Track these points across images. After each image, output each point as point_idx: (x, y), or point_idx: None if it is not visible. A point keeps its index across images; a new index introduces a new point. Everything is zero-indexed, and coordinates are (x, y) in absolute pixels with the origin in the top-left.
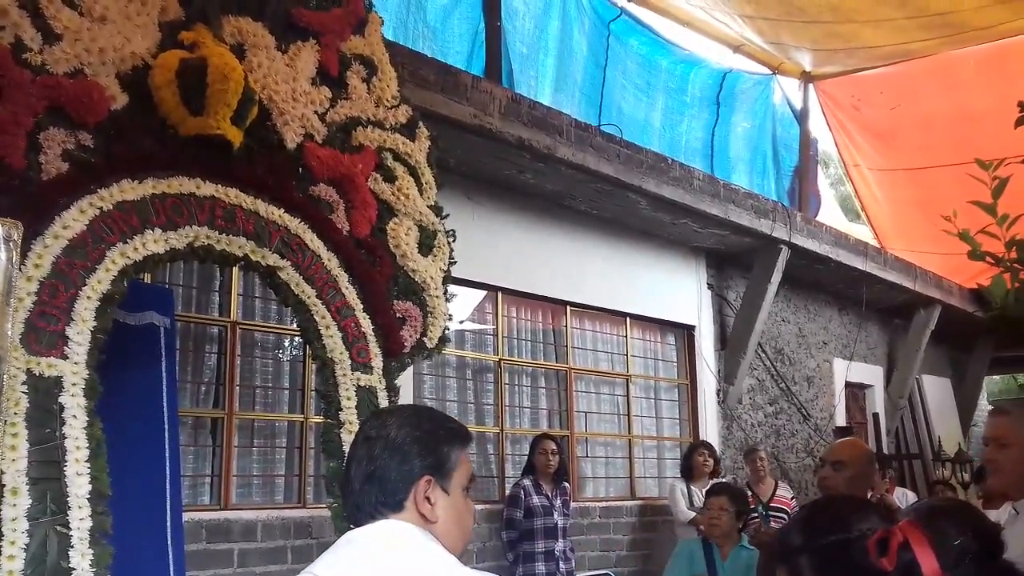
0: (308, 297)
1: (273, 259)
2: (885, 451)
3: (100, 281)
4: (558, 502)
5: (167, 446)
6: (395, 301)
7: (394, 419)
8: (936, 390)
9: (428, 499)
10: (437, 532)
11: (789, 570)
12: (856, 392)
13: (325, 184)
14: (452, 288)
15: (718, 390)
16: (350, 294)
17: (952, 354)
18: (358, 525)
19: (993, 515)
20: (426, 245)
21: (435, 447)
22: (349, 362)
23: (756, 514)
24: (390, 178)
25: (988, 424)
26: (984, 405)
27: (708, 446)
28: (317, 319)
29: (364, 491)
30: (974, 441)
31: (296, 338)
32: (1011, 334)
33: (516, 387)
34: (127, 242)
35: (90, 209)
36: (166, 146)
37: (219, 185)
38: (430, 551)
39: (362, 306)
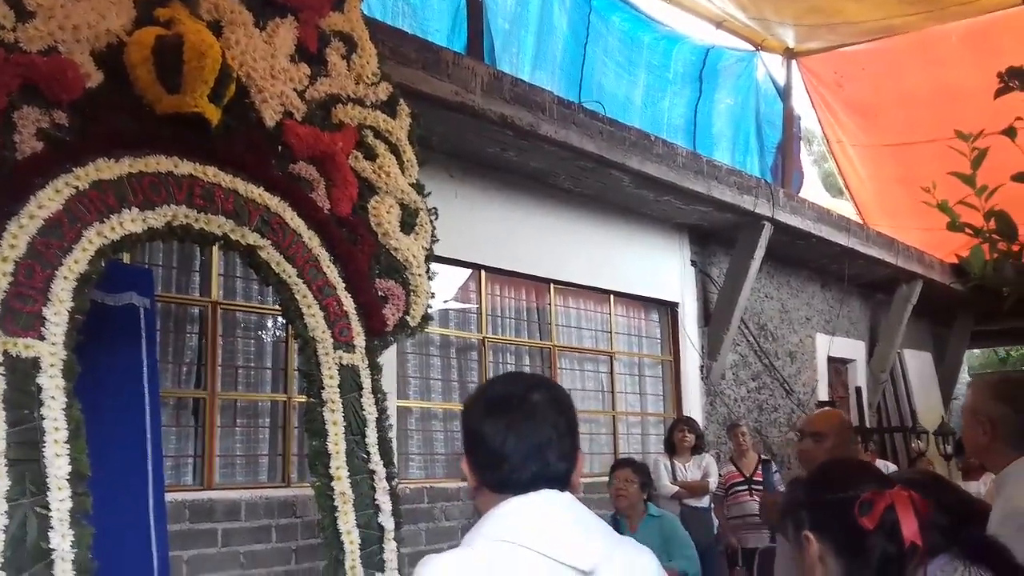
0: (289, 276)
1: (253, 238)
2: (867, 425)
3: (77, 261)
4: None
5: (148, 427)
6: (377, 279)
7: (560, 392)
8: (917, 364)
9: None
10: None
11: (793, 522)
12: (838, 367)
13: (305, 162)
14: (435, 266)
15: (701, 366)
16: (332, 273)
17: (933, 328)
18: (525, 491)
19: (972, 487)
20: (408, 223)
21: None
22: (331, 341)
23: (748, 487)
24: (371, 156)
25: (966, 396)
26: (965, 378)
27: (689, 422)
28: (298, 298)
29: (554, 460)
30: (955, 414)
31: (279, 318)
32: (991, 308)
33: (500, 365)
34: (104, 221)
35: (66, 188)
36: (142, 124)
37: (197, 164)
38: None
39: (344, 285)
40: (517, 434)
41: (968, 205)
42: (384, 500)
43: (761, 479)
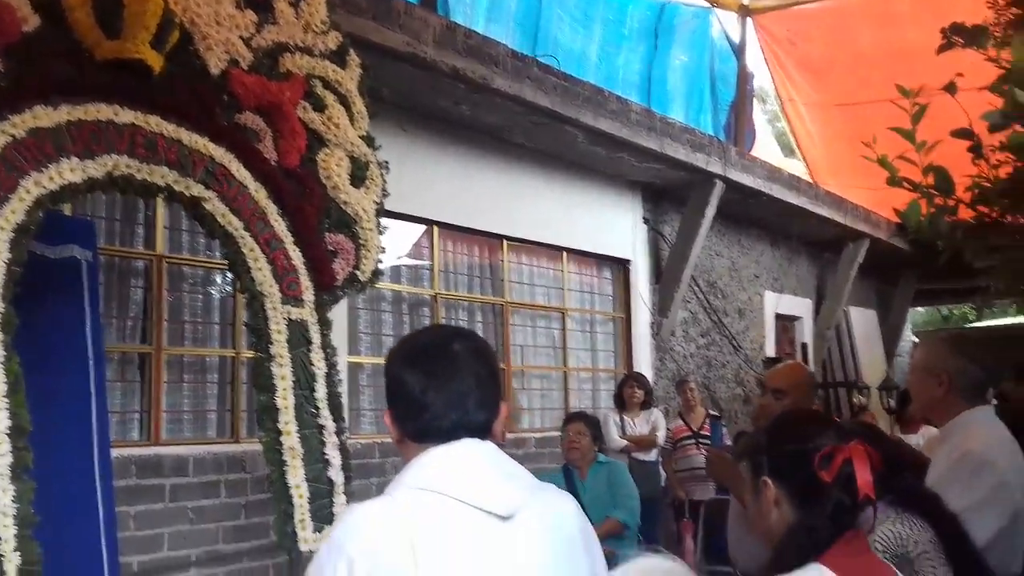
0: (235, 229)
1: (198, 190)
2: None
3: (14, 211)
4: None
5: (92, 381)
6: (326, 234)
7: (482, 343)
8: (862, 321)
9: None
10: None
11: (752, 466)
12: (786, 324)
13: (251, 112)
14: (386, 221)
15: (652, 323)
16: (279, 226)
17: (878, 287)
18: (445, 440)
19: (912, 440)
20: (358, 177)
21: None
22: (279, 295)
23: (695, 441)
24: (320, 107)
25: (918, 352)
26: (908, 336)
27: (639, 378)
28: (245, 252)
29: (475, 409)
30: (898, 370)
31: (226, 272)
32: (935, 267)
33: (452, 321)
34: (42, 171)
35: (1, 136)
36: (82, 71)
37: (139, 112)
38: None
39: (292, 238)
40: (437, 384)
41: (908, 160)
42: (334, 455)
43: (709, 434)
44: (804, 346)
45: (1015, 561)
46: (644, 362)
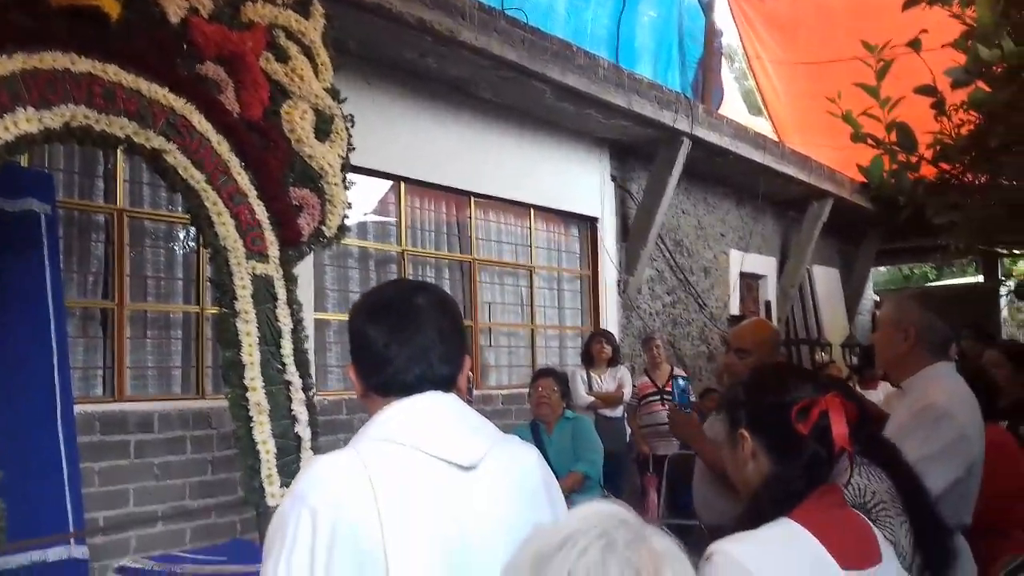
0: (197, 182)
1: (158, 141)
2: None
3: None
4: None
5: (53, 336)
6: (291, 188)
7: (445, 296)
8: (825, 280)
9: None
10: None
11: (729, 419)
12: (750, 282)
13: (212, 62)
14: (352, 176)
15: (619, 281)
16: (242, 180)
17: (841, 246)
18: (409, 393)
19: (872, 396)
20: (323, 130)
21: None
22: (243, 250)
23: (660, 397)
24: (282, 58)
25: (884, 309)
26: (870, 295)
27: (606, 335)
28: (208, 205)
29: (438, 362)
30: (860, 328)
31: (190, 227)
32: (897, 226)
33: (420, 278)
34: None
35: None
36: (36, 18)
37: (96, 61)
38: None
39: (256, 192)
40: (400, 338)
41: (872, 116)
42: (300, 410)
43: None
44: (768, 304)
45: (967, 511)
46: (611, 319)
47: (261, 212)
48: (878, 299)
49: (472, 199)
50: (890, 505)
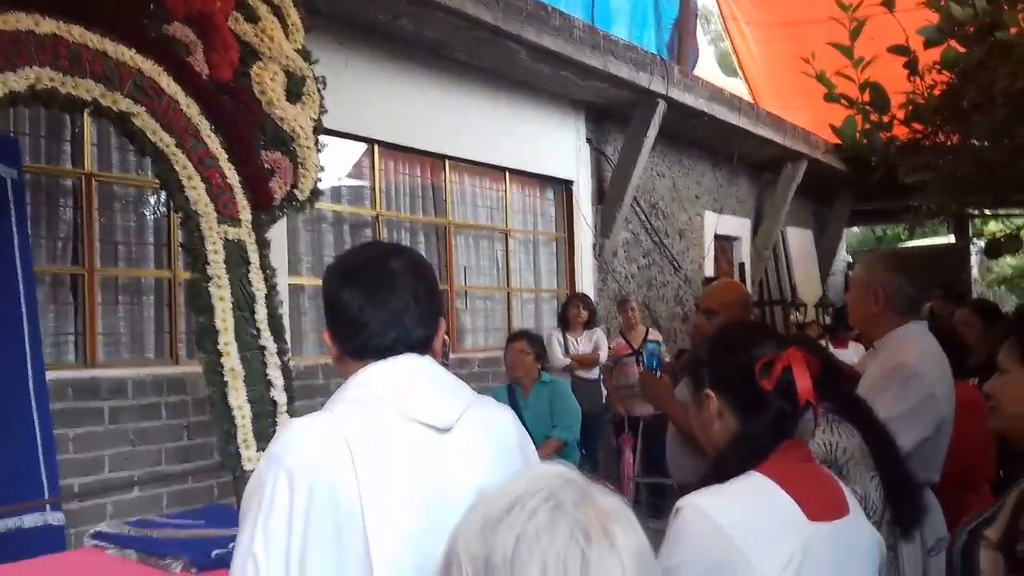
0: (167, 146)
1: (126, 104)
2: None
3: None
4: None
5: (23, 303)
6: (262, 151)
7: (419, 259)
8: (799, 241)
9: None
10: None
11: (693, 379)
12: (724, 244)
13: (180, 23)
14: (324, 139)
15: (594, 243)
16: (213, 143)
17: (815, 207)
18: (384, 357)
19: (844, 355)
20: (294, 92)
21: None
22: (215, 215)
23: (636, 359)
24: (252, 18)
25: (855, 270)
26: (843, 255)
27: (583, 298)
28: (178, 169)
29: (413, 325)
30: (833, 289)
31: (160, 192)
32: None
33: (394, 242)
34: None
35: None
36: None
37: (61, 22)
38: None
39: (227, 156)
40: (375, 301)
41: (846, 77)
42: (276, 375)
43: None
44: (742, 266)
45: (936, 468)
46: (586, 282)
47: (232, 176)
48: (851, 260)
49: (447, 162)
50: (861, 461)
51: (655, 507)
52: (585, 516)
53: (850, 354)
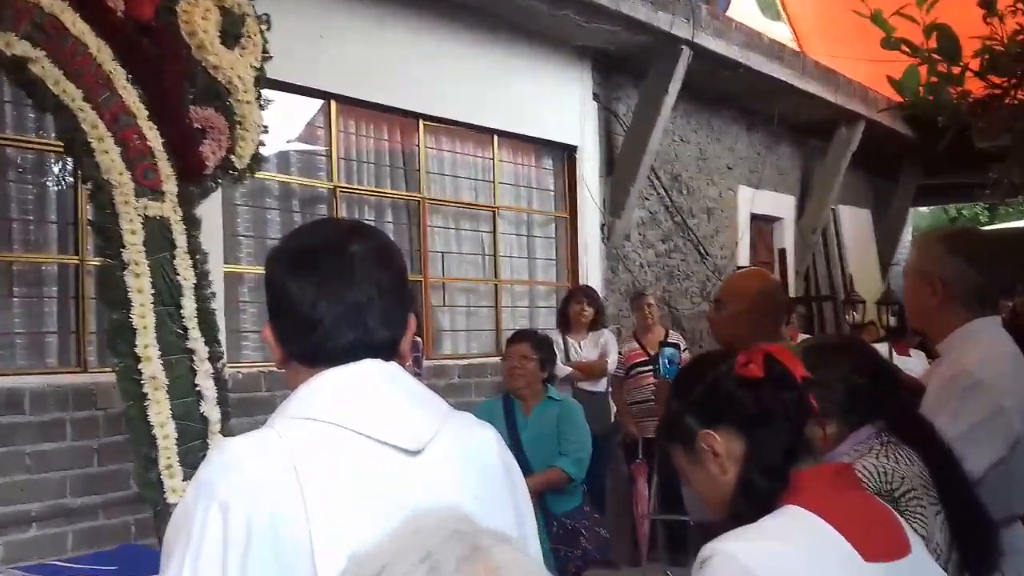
0: (72, 100)
1: (21, 48)
2: (793, 293)
3: None
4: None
5: None
6: (191, 107)
7: (385, 242)
8: (854, 223)
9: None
10: None
11: (681, 438)
12: (763, 226)
13: None
14: (268, 93)
15: (603, 225)
16: (130, 96)
17: (875, 181)
18: (341, 362)
19: (904, 364)
20: (231, 34)
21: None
22: (132, 185)
23: (652, 367)
24: None
25: (909, 255)
26: (909, 241)
27: (588, 292)
28: (86, 129)
29: (376, 325)
30: (896, 282)
31: (65, 157)
32: (941, 156)
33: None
34: None
35: None
36: None
37: None
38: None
39: (147, 113)
40: (330, 294)
41: (907, 18)
42: (207, 386)
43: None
44: (783, 252)
45: (1016, 499)
46: (592, 273)
47: (154, 137)
48: None
49: (421, 123)
50: (922, 493)
51: (676, 552)
52: None
53: (914, 363)
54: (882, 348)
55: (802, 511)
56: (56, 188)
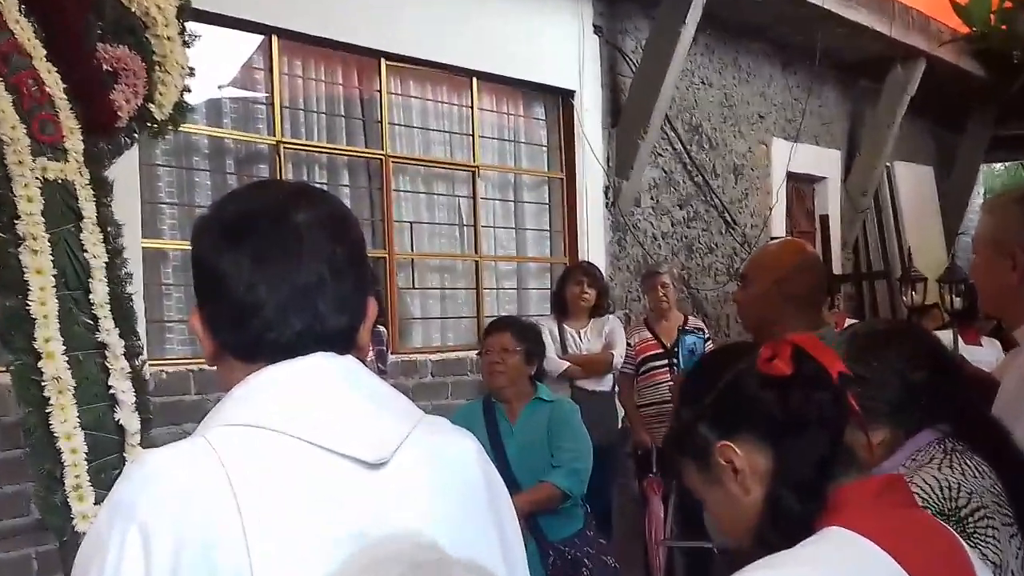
0: None
1: None
2: (838, 270)
3: None
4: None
5: None
6: (100, 45)
7: (338, 209)
8: (913, 183)
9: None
10: None
11: (694, 453)
12: (802, 188)
13: None
14: (195, 27)
15: (606, 187)
16: (24, 33)
17: (937, 132)
18: (286, 356)
19: (974, 354)
20: None
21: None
22: (27, 142)
23: (668, 361)
24: None
25: (979, 223)
26: (979, 204)
27: (589, 271)
28: None
29: (329, 311)
30: (964, 254)
31: None
32: (1016, 98)
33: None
34: None
35: None
36: None
37: None
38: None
39: (44, 52)
40: (271, 272)
41: None
42: (123, 388)
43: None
44: (825, 219)
45: None
46: (594, 246)
47: (53, 83)
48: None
49: (383, 62)
50: (995, 511)
51: None
52: None
53: (985, 353)
54: (946, 336)
55: (848, 533)
56: None
